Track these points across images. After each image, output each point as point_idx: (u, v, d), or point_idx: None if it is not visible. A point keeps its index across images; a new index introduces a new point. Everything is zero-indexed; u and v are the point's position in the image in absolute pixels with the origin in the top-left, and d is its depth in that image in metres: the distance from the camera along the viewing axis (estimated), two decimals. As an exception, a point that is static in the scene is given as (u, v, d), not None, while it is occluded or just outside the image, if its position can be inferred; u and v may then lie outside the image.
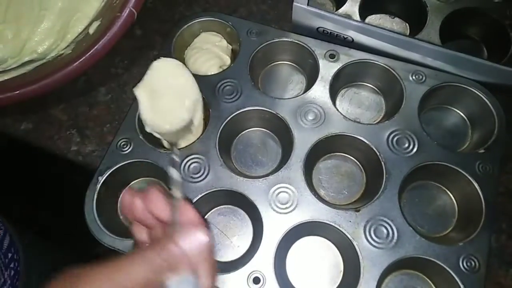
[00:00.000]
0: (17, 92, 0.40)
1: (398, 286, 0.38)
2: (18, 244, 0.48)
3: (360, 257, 0.36)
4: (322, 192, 0.42)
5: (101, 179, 0.40)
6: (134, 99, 0.43)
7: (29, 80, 0.41)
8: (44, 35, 0.47)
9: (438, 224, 0.40)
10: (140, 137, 0.41)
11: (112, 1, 0.43)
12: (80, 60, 0.40)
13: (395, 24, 0.50)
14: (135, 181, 0.44)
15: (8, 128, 0.47)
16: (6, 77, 0.42)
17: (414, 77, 0.43)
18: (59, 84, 0.40)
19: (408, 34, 0.49)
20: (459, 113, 0.45)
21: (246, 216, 0.41)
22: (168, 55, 0.46)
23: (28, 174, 0.58)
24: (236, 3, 0.52)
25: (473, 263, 0.36)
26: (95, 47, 0.40)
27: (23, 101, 0.40)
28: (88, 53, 0.40)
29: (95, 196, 0.39)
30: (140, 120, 0.42)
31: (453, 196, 0.41)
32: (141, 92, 0.35)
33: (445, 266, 0.35)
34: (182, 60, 0.47)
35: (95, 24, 0.43)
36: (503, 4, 0.48)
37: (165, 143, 0.42)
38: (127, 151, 0.41)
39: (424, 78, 0.43)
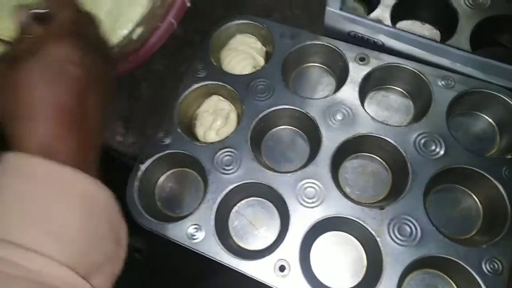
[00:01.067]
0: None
1: (420, 284, 0.39)
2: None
3: (383, 253, 0.37)
4: (348, 190, 0.43)
5: (142, 167, 0.43)
6: (173, 93, 0.47)
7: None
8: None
9: (462, 226, 0.41)
10: (178, 130, 0.44)
11: (154, 9, 0.46)
12: (123, 64, 0.44)
13: (426, 30, 0.51)
14: (171, 170, 0.47)
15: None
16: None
17: (443, 82, 0.44)
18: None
19: (438, 40, 0.50)
20: (487, 119, 0.45)
21: (274, 209, 0.44)
22: (205, 54, 0.49)
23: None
24: (271, 8, 0.55)
25: (496, 265, 0.36)
26: (138, 52, 0.44)
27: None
28: (131, 57, 0.44)
29: (136, 183, 0.42)
30: (178, 114, 0.46)
31: (479, 200, 0.42)
32: None
33: (467, 267, 0.36)
34: (218, 60, 0.50)
35: (139, 30, 0.46)
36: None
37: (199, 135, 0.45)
38: (166, 143, 0.44)
39: (453, 83, 0.44)
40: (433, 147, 0.41)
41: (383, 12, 0.49)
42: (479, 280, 0.36)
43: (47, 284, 0.22)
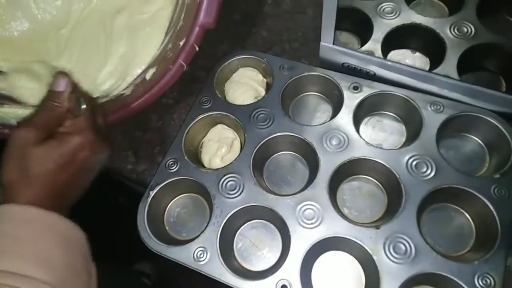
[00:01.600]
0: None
1: (417, 301, 0.41)
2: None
3: (380, 271, 0.39)
4: (345, 211, 0.46)
5: (152, 193, 0.46)
6: (180, 127, 0.50)
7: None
8: (107, 76, 0.55)
9: (455, 244, 0.43)
10: (186, 158, 0.48)
11: (166, 52, 0.51)
12: (137, 102, 0.48)
13: (416, 58, 0.54)
14: (179, 196, 0.50)
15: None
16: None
17: (432, 107, 0.47)
18: (119, 120, 0.48)
19: (428, 67, 0.53)
20: (477, 140, 0.48)
21: (276, 230, 0.46)
22: (210, 87, 0.53)
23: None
24: (271, 42, 0.59)
25: (488, 281, 0.38)
26: (150, 92, 0.48)
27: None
28: (145, 96, 0.48)
29: (146, 208, 0.45)
30: (185, 143, 0.49)
31: (471, 218, 0.44)
32: None
33: (461, 283, 0.38)
34: (222, 92, 0.54)
35: (151, 71, 0.51)
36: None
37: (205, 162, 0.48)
38: (174, 170, 0.47)
39: (442, 108, 0.46)
40: (425, 169, 0.43)
41: (374, 44, 0.52)
42: (473, 296, 0.37)
43: None
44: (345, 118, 0.48)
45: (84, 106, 0.40)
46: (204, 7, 0.46)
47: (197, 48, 0.48)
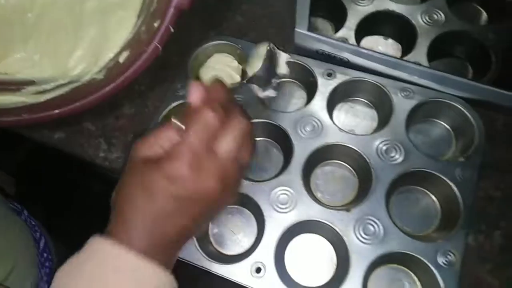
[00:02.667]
0: (57, 111, 0.47)
1: (384, 278, 0.43)
2: (51, 246, 0.55)
3: (350, 251, 0.41)
4: (319, 195, 0.47)
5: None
6: (154, 112, 0.50)
7: (66, 100, 0.48)
8: (78, 61, 0.53)
9: (422, 224, 0.45)
10: (160, 145, 0.48)
11: (139, 34, 0.49)
12: (111, 85, 0.47)
13: (389, 44, 0.55)
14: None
15: (44, 137, 0.54)
16: (47, 97, 0.49)
17: (402, 94, 0.48)
18: (92, 105, 0.47)
19: (400, 53, 0.54)
20: (444, 125, 0.50)
21: (251, 216, 0.47)
22: (185, 73, 0.52)
23: (60, 176, 0.65)
24: (246, 28, 0.58)
25: (449, 258, 0.40)
26: (124, 75, 0.47)
27: (61, 118, 0.47)
28: (118, 80, 0.47)
29: (122, 196, 0.45)
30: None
31: (437, 200, 0.46)
32: None
33: (425, 261, 0.40)
34: (197, 78, 0.54)
35: (125, 54, 0.49)
36: (486, 27, 0.53)
37: None
38: (149, 157, 0.47)
39: (412, 94, 0.48)
40: (394, 153, 0.45)
41: (348, 31, 0.53)
42: (435, 272, 0.40)
43: None
44: (319, 104, 0.49)
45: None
46: (178, -13, 0.46)
47: (172, 30, 0.47)
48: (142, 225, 0.28)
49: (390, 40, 0.56)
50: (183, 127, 0.30)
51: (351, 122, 0.51)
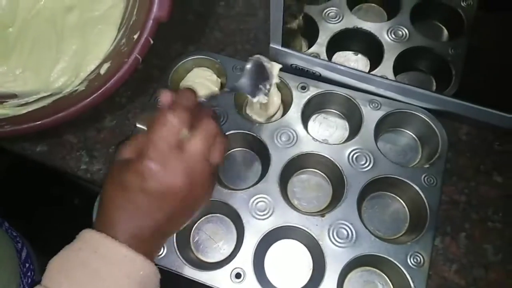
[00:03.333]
0: (38, 123, 0.48)
1: (359, 281, 0.45)
2: (33, 257, 0.55)
3: (325, 255, 0.43)
4: (295, 202, 0.49)
5: (108, 192, 0.47)
6: (135, 125, 0.51)
7: (48, 112, 0.49)
8: (60, 74, 0.55)
9: (392, 228, 0.47)
10: (141, 156, 0.49)
11: (120, 46, 0.51)
12: (92, 96, 0.48)
13: (359, 60, 0.59)
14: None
15: (26, 150, 0.55)
16: (29, 109, 0.50)
17: (371, 105, 0.51)
18: (73, 117, 0.48)
19: (368, 68, 0.58)
20: (410, 134, 0.53)
21: (231, 223, 0.49)
22: (165, 86, 0.54)
23: (41, 190, 0.65)
24: (224, 43, 0.61)
25: (418, 259, 0.43)
26: (106, 86, 0.48)
27: (42, 130, 0.48)
28: (99, 91, 0.48)
29: (103, 206, 0.46)
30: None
31: (405, 204, 0.49)
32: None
33: (395, 262, 0.43)
34: (177, 91, 0.55)
35: (106, 66, 0.51)
36: (447, 43, 0.57)
37: None
38: (130, 168, 0.48)
39: (379, 105, 0.51)
40: (364, 161, 0.48)
41: (320, 47, 0.56)
42: (405, 272, 0.42)
43: None
44: (294, 115, 0.51)
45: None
46: (157, 0, 0.48)
47: (151, 42, 0.49)
48: (123, 221, 0.30)
49: (359, 56, 0.59)
50: (146, 129, 0.32)
51: (325, 132, 0.54)
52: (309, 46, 0.57)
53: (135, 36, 0.49)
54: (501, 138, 0.52)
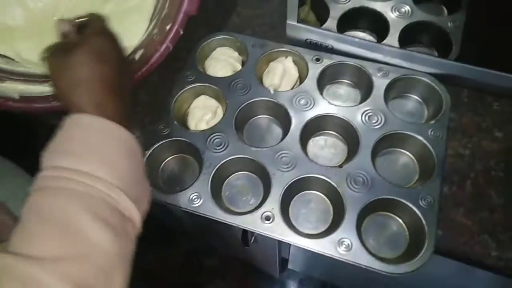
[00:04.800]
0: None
1: (375, 224, 0.50)
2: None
3: (344, 200, 0.48)
4: (315, 160, 0.54)
5: (148, 152, 0.53)
6: (167, 96, 0.57)
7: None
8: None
9: (404, 179, 0.52)
10: (175, 122, 0.55)
11: (152, 36, 0.57)
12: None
13: (366, 36, 0.65)
14: (171, 156, 0.56)
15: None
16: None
17: (380, 73, 0.57)
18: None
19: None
20: (416, 98, 0.58)
21: (258, 179, 0.54)
22: (193, 64, 0.60)
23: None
24: (243, 25, 0.67)
25: (429, 200, 0.47)
26: (141, 70, 0.54)
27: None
28: (137, 74, 0.54)
29: (144, 164, 0.52)
30: (174, 110, 0.56)
31: (414, 158, 0.54)
32: None
33: (408, 203, 0.47)
34: (203, 68, 0.62)
35: (140, 52, 0.57)
36: (446, 17, 0.63)
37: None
38: (166, 133, 0.54)
39: (388, 73, 0.57)
40: (375, 120, 0.53)
41: (331, 23, 0.62)
42: (418, 212, 0.47)
43: (105, 201, 0.32)
44: (310, 84, 0.57)
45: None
46: (188, -4, 0.54)
47: (181, 32, 0.56)
48: (85, 96, 0.35)
49: (367, 32, 0.65)
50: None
51: (338, 101, 0.59)
52: (321, 24, 0.63)
53: (167, 27, 0.56)
54: (499, 100, 0.57)
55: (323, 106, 0.55)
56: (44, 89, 0.56)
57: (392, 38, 0.60)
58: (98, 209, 0.31)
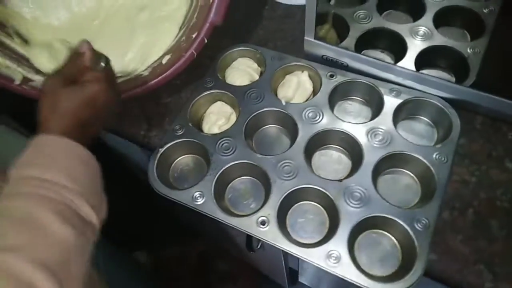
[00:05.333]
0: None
1: (369, 241, 0.50)
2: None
3: (340, 213, 0.49)
4: (317, 172, 0.56)
5: (161, 150, 0.57)
6: (187, 101, 0.61)
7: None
8: (129, 62, 0.66)
9: (405, 201, 0.52)
10: (190, 124, 0.59)
11: (180, 43, 0.62)
12: (155, 80, 0.60)
13: (384, 56, 0.66)
14: (183, 156, 0.60)
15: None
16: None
17: (392, 93, 0.57)
18: (137, 95, 0.59)
19: (393, 62, 0.64)
20: (427, 121, 0.58)
21: (261, 186, 0.56)
22: (213, 71, 0.64)
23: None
24: (266, 39, 0.71)
25: (424, 223, 0.48)
26: (166, 73, 0.59)
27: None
28: (161, 77, 0.59)
29: (156, 160, 0.56)
30: (190, 113, 0.60)
31: (417, 180, 0.54)
32: None
33: (403, 223, 0.48)
34: (223, 76, 0.65)
35: (167, 57, 0.62)
36: (467, 43, 0.63)
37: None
38: (180, 133, 0.58)
39: (399, 93, 0.57)
40: (381, 138, 0.54)
41: (350, 42, 0.63)
42: (411, 233, 0.47)
43: (68, 205, 0.37)
44: (322, 99, 0.59)
45: (102, 65, 0.48)
46: (214, 7, 0.58)
47: (206, 41, 0.60)
48: (57, 122, 0.42)
49: (385, 52, 0.66)
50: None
51: (349, 117, 0.60)
52: (340, 41, 0.65)
53: (193, 36, 0.60)
54: (515, 129, 0.56)
55: (331, 121, 0.57)
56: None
57: (409, 60, 0.61)
58: (62, 211, 0.37)
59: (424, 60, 0.61)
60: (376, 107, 0.59)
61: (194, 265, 1.26)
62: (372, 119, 0.58)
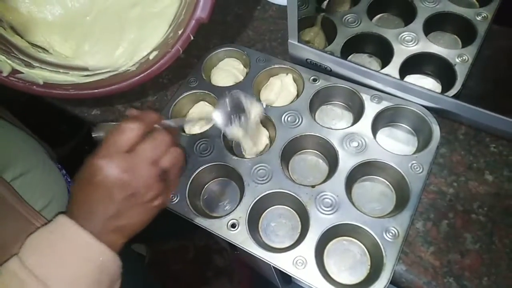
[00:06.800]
0: (96, 90, 0.61)
1: (339, 249, 0.50)
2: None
3: (310, 219, 0.49)
4: (293, 177, 0.56)
5: (140, 148, 0.58)
6: (171, 100, 0.62)
7: (104, 84, 0.62)
8: (118, 57, 0.67)
9: (379, 209, 0.52)
10: (170, 123, 0.59)
11: (168, 39, 0.62)
12: (141, 75, 0.60)
13: (371, 60, 0.65)
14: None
15: (84, 112, 0.68)
16: (90, 79, 0.63)
17: (373, 100, 0.57)
18: (124, 90, 0.60)
19: (379, 68, 0.63)
20: (408, 128, 0.57)
21: (237, 187, 0.57)
22: (199, 71, 0.64)
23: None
24: (255, 40, 0.70)
25: (394, 232, 0.47)
26: (152, 69, 0.60)
27: (98, 97, 0.61)
28: (147, 72, 0.60)
29: (135, 159, 0.57)
30: (173, 113, 0.61)
31: (393, 188, 0.53)
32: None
33: (372, 233, 0.48)
34: (208, 77, 0.66)
35: (154, 53, 0.62)
36: (455, 51, 0.61)
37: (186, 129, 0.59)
38: (160, 132, 0.59)
39: (380, 100, 0.57)
40: (357, 145, 0.53)
41: (336, 45, 0.63)
42: (379, 243, 0.47)
43: None
44: (303, 103, 0.59)
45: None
46: (201, 4, 0.58)
47: (192, 37, 0.60)
48: (85, 210, 0.36)
49: (373, 57, 0.65)
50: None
51: (331, 122, 0.60)
52: (327, 46, 0.64)
53: (180, 32, 0.60)
54: (497, 141, 0.55)
55: (310, 126, 0.56)
56: (67, 78, 0.64)
57: (395, 66, 0.60)
58: None
59: (411, 66, 0.60)
60: (357, 113, 0.58)
61: (192, 260, 1.28)
62: (352, 125, 0.58)
